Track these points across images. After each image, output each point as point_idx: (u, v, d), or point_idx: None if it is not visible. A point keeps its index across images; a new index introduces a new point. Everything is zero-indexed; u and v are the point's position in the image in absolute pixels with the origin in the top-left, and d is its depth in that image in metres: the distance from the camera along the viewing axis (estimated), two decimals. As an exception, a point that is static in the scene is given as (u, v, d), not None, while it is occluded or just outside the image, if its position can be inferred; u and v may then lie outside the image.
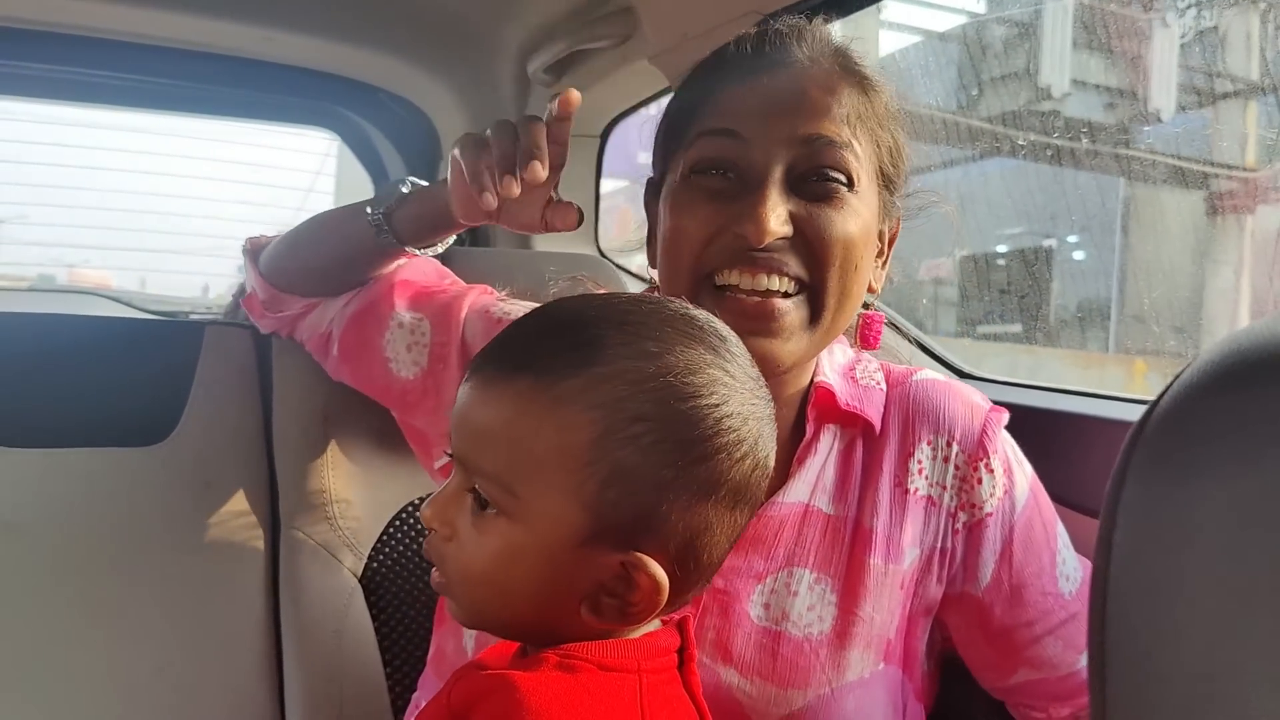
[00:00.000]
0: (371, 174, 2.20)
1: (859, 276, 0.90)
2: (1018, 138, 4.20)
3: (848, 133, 0.88)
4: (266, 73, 1.92)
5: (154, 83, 1.93)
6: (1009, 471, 0.98)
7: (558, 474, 0.66)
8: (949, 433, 0.97)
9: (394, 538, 1.38)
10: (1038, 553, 0.97)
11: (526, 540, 0.67)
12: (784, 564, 0.92)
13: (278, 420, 1.38)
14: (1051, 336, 4.24)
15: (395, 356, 1.14)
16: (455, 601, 0.73)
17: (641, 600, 0.67)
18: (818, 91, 0.89)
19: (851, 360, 1.03)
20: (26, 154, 5.05)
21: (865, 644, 0.91)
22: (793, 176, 0.88)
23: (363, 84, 1.97)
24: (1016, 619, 0.97)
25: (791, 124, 0.87)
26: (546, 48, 1.68)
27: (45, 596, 1.27)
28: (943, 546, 0.96)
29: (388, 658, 1.34)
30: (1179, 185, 3.67)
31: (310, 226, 1.20)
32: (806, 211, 0.87)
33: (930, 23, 5.58)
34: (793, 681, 0.88)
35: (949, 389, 1.01)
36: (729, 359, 0.70)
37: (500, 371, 0.68)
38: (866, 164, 0.90)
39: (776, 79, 0.89)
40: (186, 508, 1.34)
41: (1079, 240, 4.55)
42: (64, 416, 1.32)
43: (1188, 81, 3.64)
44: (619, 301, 0.72)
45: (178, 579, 1.32)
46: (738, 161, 0.88)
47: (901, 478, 0.96)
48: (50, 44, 1.77)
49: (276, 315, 1.24)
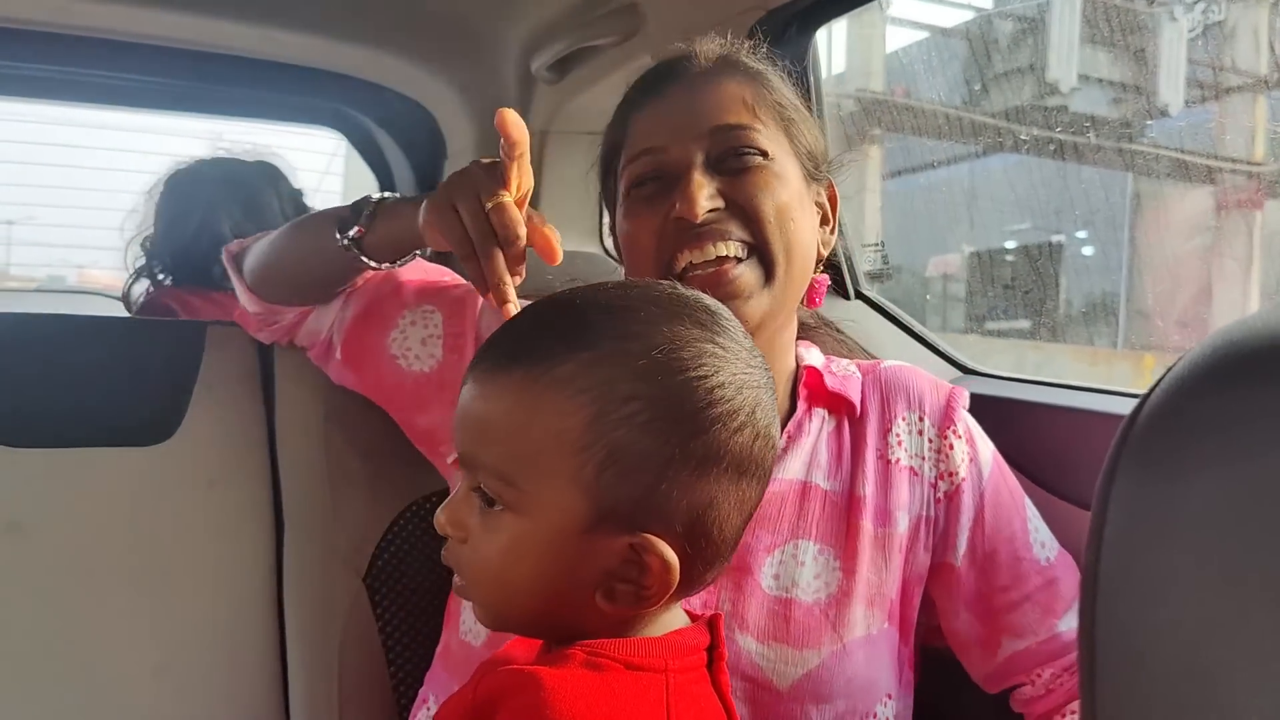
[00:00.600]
0: (376, 173, 2.20)
1: (799, 232, 0.99)
2: (1025, 133, 4.19)
3: (747, 114, 0.99)
4: (272, 72, 1.92)
5: (161, 83, 1.94)
6: (971, 440, 1.07)
7: (556, 461, 0.66)
8: (919, 407, 1.07)
9: (398, 536, 1.38)
10: (1008, 518, 1.04)
11: (533, 532, 0.68)
12: (789, 536, 0.99)
13: (281, 419, 1.38)
14: (1059, 332, 4.23)
15: (404, 353, 1.14)
16: (476, 603, 0.73)
17: (654, 582, 0.67)
18: (712, 90, 1.00)
19: (825, 362, 1.10)
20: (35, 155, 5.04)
21: (868, 602, 0.98)
22: (711, 161, 0.98)
23: (367, 83, 1.97)
24: (992, 583, 1.03)
25: (698, 125, 0.98)
26: (550, 45, 1.68)
27: (49, 596, 1.27)
28: (928, 515, 1.04)
29: (391, 656, 1.34)
30: (1186, 180, 3.66)
31: (286, 238, 1.18)
32: (731, 185, 0.97)
33: (937, 19, 5.56)
34: (806, 643, 0.94)
35: (914, 372, 1.11)
36: (719, 331, 0.71)
37: (494, 366, 0.70)
38: (775, 137, 1.00)
39: (675, 95, 1.01)
40: (190, 507, 1.34)
41: (1087, 236, 4.54)
42: (68, 416, 1.32)
43: (1195, 76, 3.63)
44: (607, 288, 0.73)
45: (181, 579, 1.32)
46: (663, 168, 0.99)
47: (884, 450, 1.05)
48: (58, 45, 1.78)
49: (271, 327, 1.23)
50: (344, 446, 1.38)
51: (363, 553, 1.36)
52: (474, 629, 1.04)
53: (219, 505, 1.35)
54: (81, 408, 1.33)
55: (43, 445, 1.29)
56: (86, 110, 2.07)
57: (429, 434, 1.16)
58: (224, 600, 1.34)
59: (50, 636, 1.26)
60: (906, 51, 5.07)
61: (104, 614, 1.29)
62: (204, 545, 1.34)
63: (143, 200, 2.10)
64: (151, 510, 1.33)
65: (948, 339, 1.56)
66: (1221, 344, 0.42)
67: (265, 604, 1.35)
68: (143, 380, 1.37)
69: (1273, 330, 0.41)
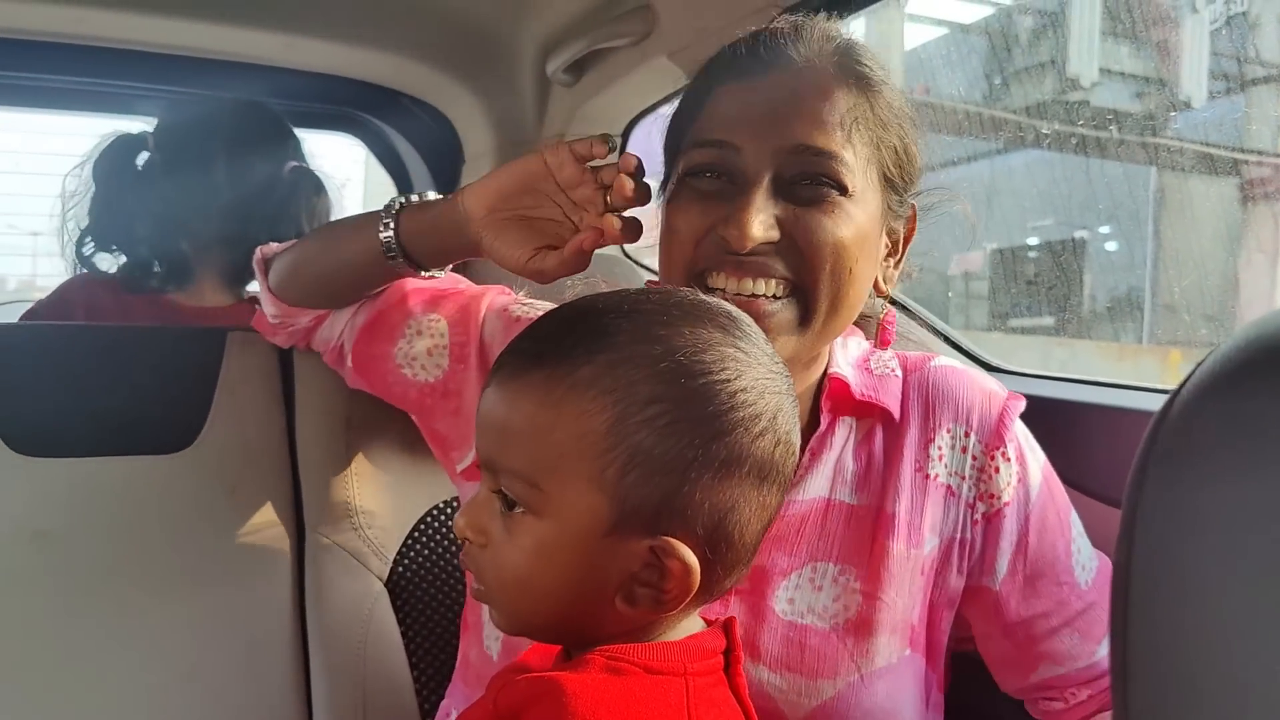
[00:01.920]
0: (395, 178, 2.21)
1: (854, 280, 0.90)
2: (1046, 128, 4.17)
3: (841, 138, 0.87)
4: (290, 80, 1.93)
5: (181, 92, 1.94)
6: (1022, 460, 0.97)
7: (578, 463, 0.66)
8: (967, 421, 0.97)
9: (419, 542, 1.38)
10: (1052, 541, 0.97)
11: (555, 535, 0.67)
12: (807, 559, 0.93)
13: (301, 426, 1.39)
14: (1085, 328, 4.21)
15: (410, 362, 1.13)
16: (496, 608, 0.73)
17: (675, 586, 0.67)
18: (811, 98, 0.88)
19: (866, 352, 1.03)
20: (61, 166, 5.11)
21: (890, 629, 0.91)
22: (781, 181, 0.88)
23: (384, 88, 1.98)
24: (1033, 610, 0.97)
25: (781, 134, 0.87)
26: (565, 47, 1.68)
27: (75, 603, 1.28)
28: (962, 537, 0.96)
29: (414, 661, 1.34)
30: (1211, 173, 3.63)
31: (318, 242, 1.18)
32: (795, 216, 0.87)
33: (956, 15, 5.54)
34: (821, 671, 0.89)
35: (967, 376, 1.01)
36: (740, 336, 0.70)
37: (517, 369, 0.69)
38: (864, 169, 0.89)
39: (769, 85, 0.89)
40: (212, 514, 1.35)
41: (1111, 231, 4.51)
42: (91, 426, 1.33)
43: (1218, 68, 3.60)
44: (629, 293, 0.73)
45: (204, 585, 1.33)
46: (730, 168, 0.89)
47: (923, 463, 0.96)
48: (80, 56, 1.79)
49: (287, 330, 1.23)
50: (364, 451, 1.38)
51: (384, 557, 1.36)
52: (494, 642, 1.02)
53: (241, 511, 1.36)
54: (104, 417, 1.33)
55: (66, 455, 1.30)
56: (110, 121, 2.06)
57: (442, 438, 1.15)
58: (246, 606, 1.34)
59: (76, 643, 1.27)
60: (926, 48, 5.04)
61: (128, 621, 1.29)
62: (226, 551, 1.34)
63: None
64: (174, 517, 1.33)
65: (972, 336, 1.55)
66: (1251, 340, 0.41)
67: (287, 609, 1.35)
68: (164, 388, 1.37)
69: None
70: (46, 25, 1.69)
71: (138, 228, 1.71)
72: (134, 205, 1.70)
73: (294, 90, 2.00)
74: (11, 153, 7.06)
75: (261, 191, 1.72)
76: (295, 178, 1.80)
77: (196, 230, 1.72)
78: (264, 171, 1.74)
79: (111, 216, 1.72)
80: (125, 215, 1.71)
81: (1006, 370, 1.46)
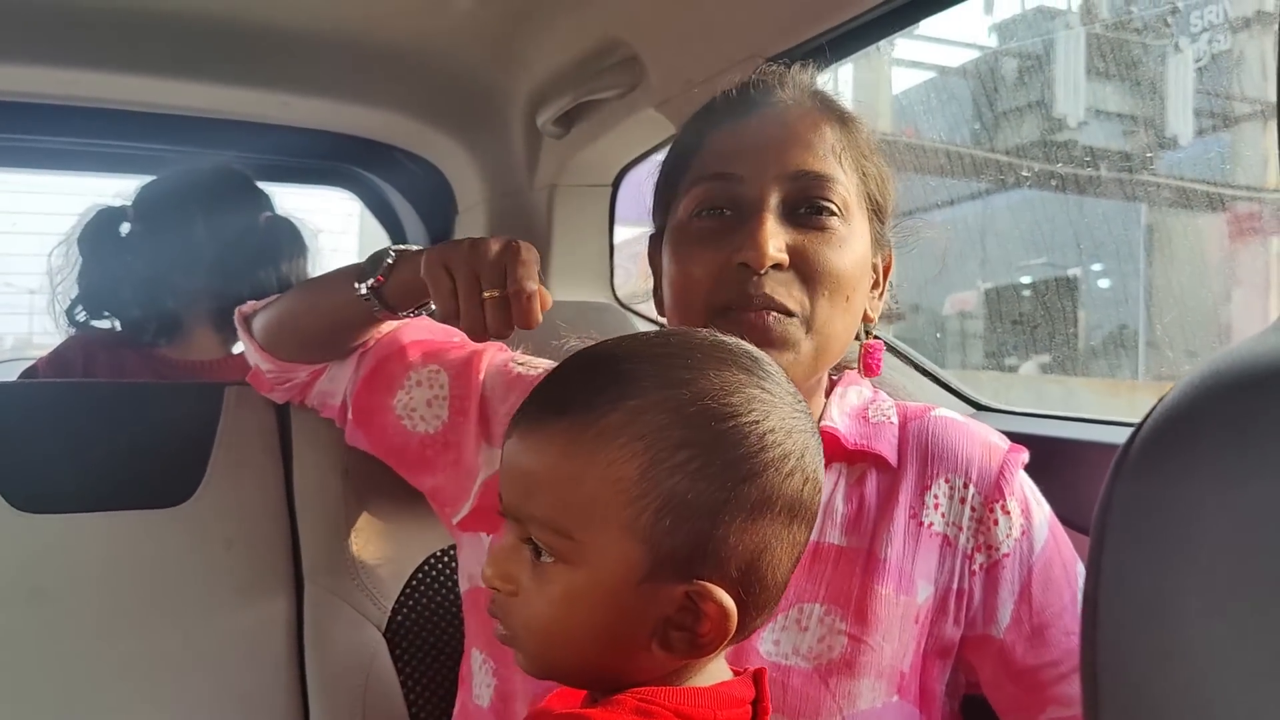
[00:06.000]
0: (389, 230, 2.23)
1: (850, 308, 0.93)
2: (1035, 169, 4.21)
3: (833, 163, 0.92)
4: (284, 136, 1.95)
5: (177, 151, 1.96)
6: (1027, 512, 0.97)
7: (610, 511, 0.66)
8: (965, 474, 0.98)
9: (417, 590, 1.39)
10: (1058, 592, 0.96)
11: (588, 583, 0.67)
12: (793, 601, 0.92)
13: (298, 477, 1.39)
14: (1080, 365, 4.22)
15: (410, 413, 1.13)
16: (523, 653, 0.72)
17: (711, 629, 0.67)
18: (803, 128, 0.93)
19: (866, 400, 1.03)
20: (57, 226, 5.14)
21: (876, 674, 0.91)
22: (786, 208, 0.91)
23: (377, 143, 2.01)
24: (1040, 658, 0.96)
25: (781, 161, 0.91)
26: (554, 100, 1.70)
27: (72, 659, 1.27)
28: (959, 588, 0.95)
29: (413, 710, 1.34)
30: (1201, 209, 3.66)
31: (299, 295, 1.20)
32: (800, 242, 0.90)
33: (942, 58, 5.61)
34: (803, 712, 0.88)
35: (966, 430, 1.01)
36: (764, 377, 0.71)
37: (540, 418, 0.69)
38: (855, 194, 0.94)
39: (764, 121, 0.94)
40: (210, 567, 1.35)
41: (1103, 268, 4.54)
42: (88, 481, 1.33)
43: (1205, 106, 3.64)
44: (647, 337, 0.74)
45: (203, 638, 1.32)
46: (735, 199, 0.92)
47: (917, 510, 0.96)
48: (78, 118, 1.82)
49: (283, 386, 1.24)
50: (361, 503, 1.39)
51: (382, 607, 1.36)
52: (484, 690, 1.02)
53: (239, 565, 1.36)
54: (101, 472, 1.34)
55: (63, 511, 1.30)
56: (105, 180, 2.08)
57: (434, 494, 1.15)
58: (245, 659, 1.34)
59: (75, 700, 1.26)
60: (912, 92, 5.10)
61: (127, 676, 1.29)
62: (225, 605, 1.34)
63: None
64: (172, 572, 1.33)
65: (967, 376, 1.56)
66: (1212, 372, 0.43)
67: (286, 662, 1.35)
68: (162, 443, 1.38)
69: (1262, 355, 0.42)
70: (43, 88, 1.72)
71: (126, 291, 1.76)
72: (121, 271, 1.76)
73: (288, 146, 2.02)
74: (8, 213, 7.05)
75: (240, 242, 1.78)
76: (270, 225, 1.85)
77: (184, 287, 1.76)
78: (240, 224, 1.81)
79: (101, 284, 1.78)
80: (114, 281, 1.77)
81: (994, 409, 1.47)
